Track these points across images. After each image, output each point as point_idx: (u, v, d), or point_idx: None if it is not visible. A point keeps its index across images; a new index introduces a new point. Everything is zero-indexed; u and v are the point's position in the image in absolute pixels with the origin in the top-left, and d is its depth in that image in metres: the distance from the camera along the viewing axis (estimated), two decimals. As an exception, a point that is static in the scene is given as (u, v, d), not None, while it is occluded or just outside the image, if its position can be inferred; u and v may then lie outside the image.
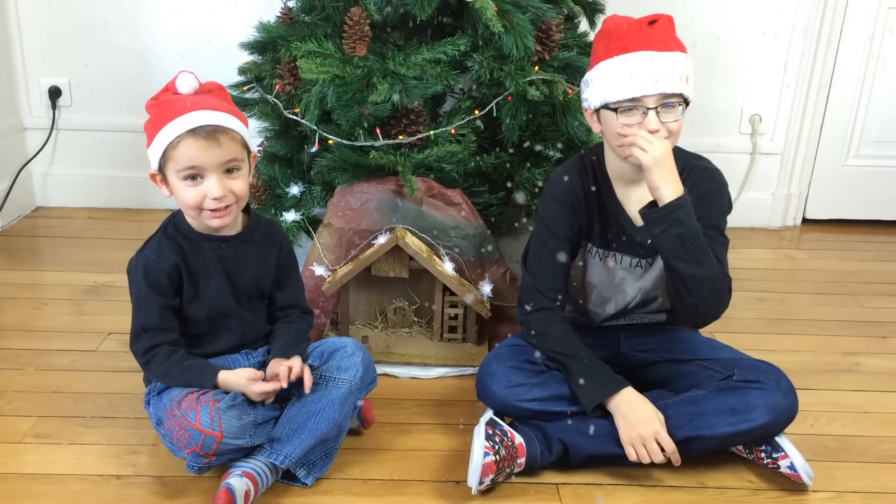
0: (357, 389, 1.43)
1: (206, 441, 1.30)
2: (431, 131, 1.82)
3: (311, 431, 1.37)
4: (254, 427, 1.36)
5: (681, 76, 1.36)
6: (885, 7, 2.54)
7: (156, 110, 1.37)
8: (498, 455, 1.37)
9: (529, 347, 1.53)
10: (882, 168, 2.73)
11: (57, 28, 2.50)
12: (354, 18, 1.76)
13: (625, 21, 1.41)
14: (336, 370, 1.42)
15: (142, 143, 2.55)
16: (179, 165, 1.33)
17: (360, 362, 1.44)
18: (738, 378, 1.43)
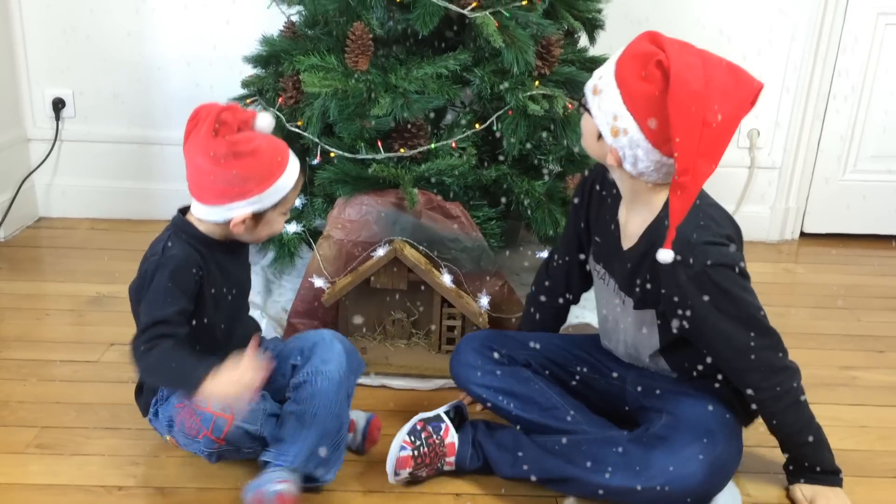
0: (346, 376, 1.45)
1: (218, 423, 1.34)
2: (432, 144, 1.84)
3: (312, 428, 1.38)
4: (264, 415, 1.39)
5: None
6: (882, 23, 2.57)
7: (256, 156, 1.33)
8: (417, 451, 1.43)
9: (502, 337, 1.59)
10: (880, 182, 2.74)
11: (61, 39, 2.52)
12: (357, 33, 1.78)
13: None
14: (321, 363, 1.44)
15: (141, 153, 2.62)
16: (289, 204, 1.42)
17: (342, 350, 1.46)
18: (653, 431, 1.38)
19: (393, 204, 1.80)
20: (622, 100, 1.24)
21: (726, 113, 1.18)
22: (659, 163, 1.26)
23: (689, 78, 1.17)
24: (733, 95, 1.20)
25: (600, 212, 1.48)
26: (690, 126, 1.16)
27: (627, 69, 1.24)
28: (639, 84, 1.22)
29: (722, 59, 1.24)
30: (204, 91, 2.48)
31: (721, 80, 1.20)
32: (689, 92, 1.17)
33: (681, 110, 1.16)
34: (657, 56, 1.20)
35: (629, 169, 1.29)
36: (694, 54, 1.22)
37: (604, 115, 1.27)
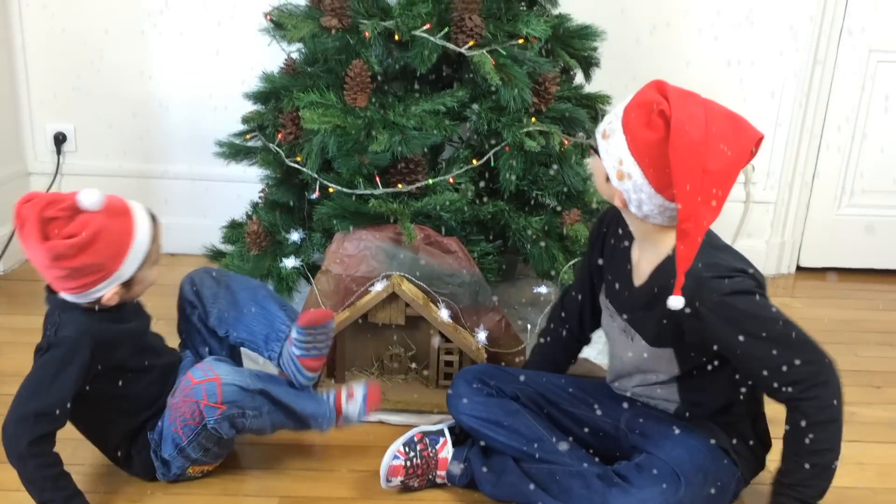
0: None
1: (208, 388, 1.40)
2: (430, 180, 1.85)
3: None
4: (250, 374, 1.47)
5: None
6: (874, 60, 2.60)
7: (99, 239, 1.36)
8: (409, 462, 1.53)
9: (495, 371, 1.62)
10: (875, 217, 2.76)
11: (64, 74, 2.55)
12: (356, 70, 1.81)
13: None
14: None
15: (142, 187, 2.63)
16: (154, 256, 1.46)
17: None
18: (618, 469, 1.42)
19: (391, 239, 1.81)
20: (627, 145, 1.28)
21: (726, 162, 1.22)
22: (662, 206, 1.30)
23: (690, 127, 1.21)
24: (734, 144, 1.23)
25: (615, 250, 1.51)
26: (691, 173, 1.20)
27: (633, 116, 1.28)
28: (642, 131, 1.26)
29: (725, 108, 1.28)
30: (204, 125, 2.51)
31: (722, 129, 1.23)
32: (689, 141, 1.20)
33: (681, 158, 1.20)
34: (660, 105, 1.24)
35: (634, 211, 1.34)
36: (697, 104, 1.25)
37: (611, 158, 1.31)
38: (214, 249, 2.19)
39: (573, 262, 1.90)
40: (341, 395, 1.60)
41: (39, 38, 2.53)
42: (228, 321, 1.61)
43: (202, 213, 2.61)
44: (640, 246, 1.43)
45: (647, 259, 1.41)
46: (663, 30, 2.55)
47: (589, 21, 2.09)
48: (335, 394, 1.60)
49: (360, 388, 1.62)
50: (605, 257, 1.54)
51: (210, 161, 2.21)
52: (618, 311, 1.49)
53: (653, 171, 1.26)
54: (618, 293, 1.49)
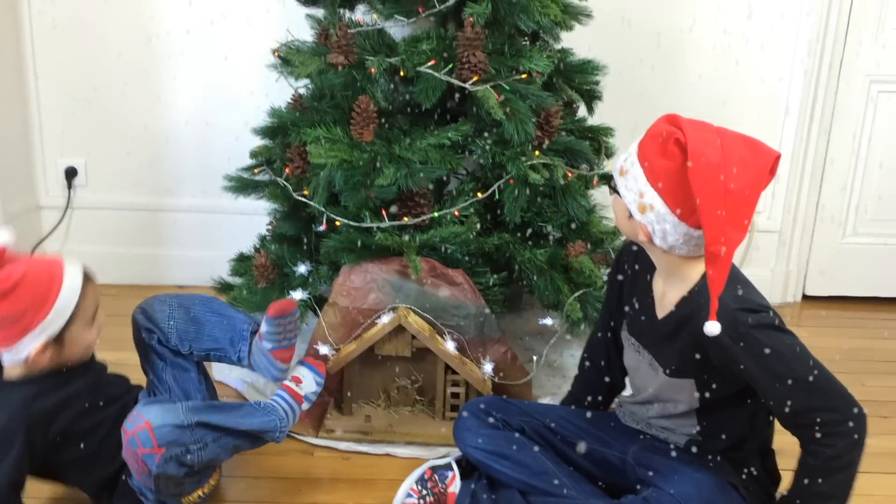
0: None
1: (140, 436, 1.35)
2: (435, 213, 1.88)
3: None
4: (184, 408, 1.43)
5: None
6: (874, 91, 2.63)
7: (21, 288, 1.34)
8: (422, 500, 1.53)
9: (501, 403, 1.63)
10: (880, 245, 2.77)
11: (76, 110, 2.60)
12: (362, 106, 1.84)
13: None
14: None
15: (152, 220, 2.67)
16: (89, 312, 1.43)
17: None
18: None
19: (397, 271, 1.83)
20: (646, 177, 1.30)
21: (747, 181, 1.23)
22: (687, 235, 1.31)
23: (706, 151, 1.23)
24: (752, 164, 1.25)
25: (635, 285, 1.52)
26: (713, 195, 1.22)
27: (648, 148, 1.31)
28: (660, 161, 1.28)
29: (737, 132, 1.30)
30: (214, 158, 2.54)
31: (738, 150, 1.26)
32: (707, 163, 1.22)
33: (702, 181, 1.22)
34: (675, 135, 1.26)
35: (659, 243, 1.34)
36: (710, 131, 1.28)
37: (631, 193, 1.33)
38: (222, 282, 2.21)
39: (578, 293, 1.91)
40: (290, 388, 1.62)
41: (52, 75, 2.57)
42: (189, 336, 1.60)
43: (210, 245, 2.64)
44: (664, 279, 1.44)
45: (672, 292, 1.41)
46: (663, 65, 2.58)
47: (591, 56, 2.14)
48: (286, 392, 1.61)
49: (300, 367, 1.65)
50: (626, 293, 1.54)
51: (219, 194, 2.24)
52: (642, 344, 1.50)
53: (674, 199, 1.28)
54: (640, 326, 1.50)
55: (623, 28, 2.50)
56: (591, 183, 2.07)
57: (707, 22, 2.55)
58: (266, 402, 1.59)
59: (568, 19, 1.99)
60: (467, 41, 1.82)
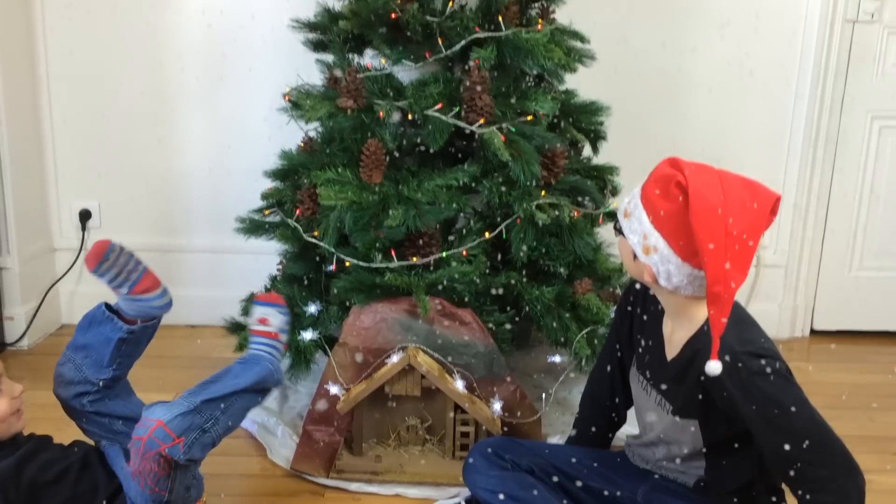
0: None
1: (157, 434, 1.38)
2: (444, 253, 1.90)
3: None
4: (182, 397, 1.46)
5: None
6: (876, 126, 2.66)
7: None
8: None
9: (511, 443, 1.63)
10: (887, 279, 2.78)
11: (90, 154, 2.65)
12: (371, 149, 1.87)
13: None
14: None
15: (163, 260, 2.70)
16: None
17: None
18: None
19: (406, 311, 1.85)
20: (649, 219, 1.33)
21: (747, 223, 1.26)
22: (691, 275, 1.33)
23: (707, 193, 1.26)
24: (751, 207, 1.27)
25: (645, 324, 1.53)
26: (714, 236, 1.24)
27: (651, 191, 1.34)
28: (662, 203, 1.31)
29: (738, 175, 1.33)
30: (225, 199, 2.59)
31: (738, 193, 1.28)
32: (708, 205, 1.25)
33: (703, 223, 1.24)
34: (676, 177, 1.29)
35: (664, 284, 1.36)
36: (711, 173, 1.31)
37: (635, 235, 1.36)
38: (233, 321, 2.23)
39: (586, 331, 1.93)
40: (260, 331, 1.64)
41: (67, 120, 2.63)
42: (96, 358, 1.59)
43: (222, 284, 2.67)
44: (672, 319, 1.45)
45: (679, 332, 1.43)
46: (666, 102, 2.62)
47: (595, 96, 2.18)
48: (259, 336, 1.63)
49: (257, 307, 1.67)
50: (635, 331, 1.56)
51: (229, 234, 2.27)
52: (650, 384, 1.50)
53: (677, 241, 1.31)
54: (650, 366, 1.51)
55: (626, 68, 2.54)
56: (597, 221, 2.09)
57: (709, 59, 2.60)
58: (248, 354, 1.62)
59: (571, 62, 2.03)
60: (473, 84, 1.86)
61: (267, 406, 2.06)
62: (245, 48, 2.57)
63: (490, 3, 1.93)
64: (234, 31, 2.56)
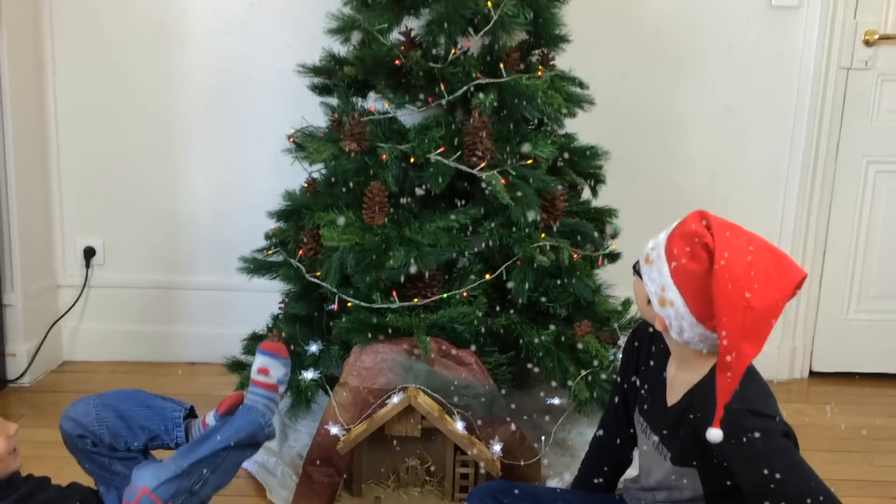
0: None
1: (142, 502, 1.39)
2: (444, 294, 1.92)
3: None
4: (171, 459, 1.46)
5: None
6: (872, 171, 2.70)
7: None
8: None
9: (509, 487, 1.61)
10: (885, 321, 2.79)
11: (96, 193, 2.68)
12: (374, 191, 1.91)
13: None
14: None
15: (167, 298, 2.72)
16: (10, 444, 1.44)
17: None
18: None
19: (407, 351, 1.86)
20: (670, 274, 1.30)
21: (769, 299, 1.22)
22: (703, 336, 1.31)
23: (733, 262, 1.22)
24: (777, 282, 1.24)
25: (649, 368, 1.52)
26: (733, 309, 1.20)
27: (676, 246, 1.30)
28: (685, 262, 1.28)
29: (767, 243, 1.29)
30: (228, 238, 2.62)
31: (765, 266, 1.24)
32: (732, 276, 1.21)
33: (724, 293, 1.21)
34: (704, 238, 1.26)
35: (675, 337, 1.34)
36: (740, 237, 1.27)
37: (653, 284, 1.34)
38: (234, 360, 2.24)
39: (585, 373, 1.94)
40: (260, 381, 1.62)
41: (73, 159, 2.67)
42: (122, 433, 1.59)
43: (223, 322, 2.69)
44: (676, 365, 1.43)
45: (682, 379, 1.41)
46: (664, 146, 2.67)
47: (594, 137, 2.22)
48: (258, 387, 1.62)
49: (261, 357, 1.65)
50: (640, 374, 1.54)
51: (232, 272, 2.29)
52: (651, 429, 1.49)
53: (695, 302, 1.27)
54: (651, 410, 1.50)
55: (625, 111, 2.59)
56: (597, 263, 2.12)
57: (707, 103, 2.65)
58: (244, 403, 1.60)
59: (571, 107, 2.07)
60: (475, 129, 1.90)
61: (267, 445, 2.05)
62: (251, 91, 2.62)
63: (491, 49, 1.98)
64: (241, 74, 2.61)
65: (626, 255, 2.25)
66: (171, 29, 2.59)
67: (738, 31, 2.60)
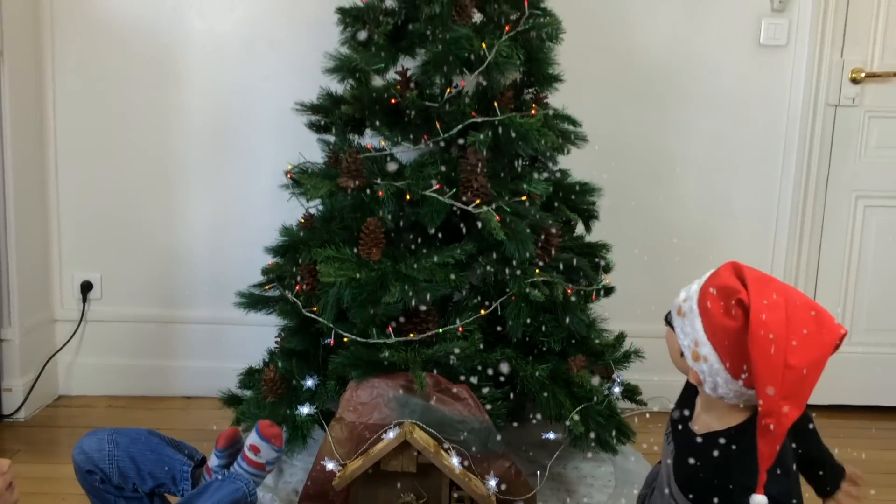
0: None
1: None
2: (440, 329, 1.94)
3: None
4: None
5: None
6: (861, 206, 2.74)
7: None
8: None
9: None
10: (876, 355, 2.81)
11: (94, 227, 2.71)
12: (370, 227, 1.93)
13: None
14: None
15: (164, 332, 2.73)
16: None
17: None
18: None
19: (403, 387, 1.87)
20: (704, 329, 1.25)
21: (808, 358, 1.17)
22: (739, 392, 1.26)
23: (771, 320, 1.17)
24: (816, 340, 1.19)
25: (687, 391, 1.48)
26: (772, 369, 1.16)
27: (710, 300, 1.25)
28: (720, 318, 1.23)
29: (805, 297, 1.24)
30: (225, 271, 2.64)
31: (803, 322, 1.19)
32: (769, 335, 1.16)
33: (762, 352, 1.16)
34: (739, 293, 1.21)
35: (709, 392, 1.31)
36: (777, 292, 1.21)
37: (686, 337, 1.29)
38: (230, 394, 2.25)
39: (580, 408, 1.95)
40: (249, 458, 1.67)
41: (72, 194, 2.70)
42: (131, 474, 1.64)
43: (219, 356, 2.70)
44: (702, 406, 1.39)
45: (704, 420, 1.37)
46: (657, 182, 2.70)
47: (588, 174, 2.26)
48: (245, 462, 1.66)
49: (256, 437, 1.69)
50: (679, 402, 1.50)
51: (229, 306, 2.30)
52: (669, 450, 1.46)
53: (730, 359, 1.23)
54: (675, 433, 1.46)
55: (617, 147, 2.63)
56: (591, 298, 2.14)
57: (698, 139, 2.69)
58: (231, 470, 1.66)
59: (565, 144, 2.11)
60: (470, 166, 1.93)
61: (264, 482, 2.06)
62: (249, 127, 2.66)
63: (486, 88, 2.02)
64: (240, 110, 2.66)
65: (620, 290, 2.28)
66: (170, 66, 2.63)
67: (728, 68, 2.66)
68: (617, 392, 2.09)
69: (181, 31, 2.62)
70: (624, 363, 2.17)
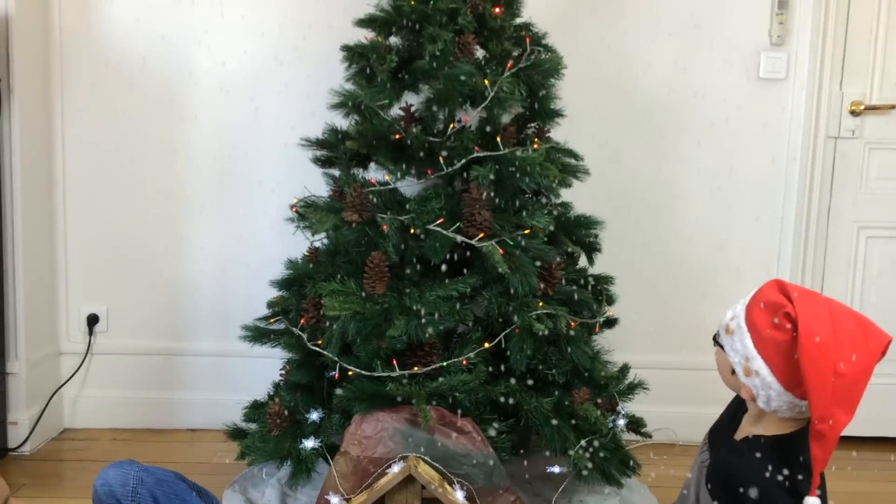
0: None
1: None
2: (444, 362, 1.95)
3: None
4: None
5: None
6: (863, 237, 2.75)
7: None
8: None
9: None
10: (879, 385, 2.78)
11: (101, 260, 2.73)
12: (375, 261, 1.95)
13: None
14: None
15: (169, 365, 2.74)
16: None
17: None
18: None
19: (407, 420, 1.87)
20: (753, 344, 1.32)
21: (858, 364, 1.23)
22: (792, 403, 1.31)
23: (818, 329, 1.23)
24: (863, 347, 1.25)
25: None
26: (822, 376, 1.21)
27: (758, 316, 1.31)
28: (769, 332, 1.29)
29: (849, 308, 1.31)
30: (230, 305, 2.65)
31: (849, 331, 1.25)
32: (818, 343, 1.22)
33: (812, 361, 1.22)
34: (786, 307, 1.27)
35: (763, 406, 1.34)
36: (821, 304, 1.28)
37: (736, 354, 1.35)
38: (235, 427, 2.25)
39: (584, 441, 1.95)
40: None
41: (79, 228, 2.72)
42: None
43: (224, 388, 2.70)
44: (750, 421, 1.42)
45: (745, 430, 1.41)
46: (660, 212, 2.72)
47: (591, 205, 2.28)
48: None
49: None
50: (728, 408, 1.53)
51: (234, 339, 2.32)
52: (708, 454, 1.48)
53: (782, 371, 1.28)
54: (716, 430, 1.50)
55: (619, 178, 2.66)
56: (594, 330, 2.15)
57: (700, 170, 2.71)
58: None
59: (567, 177, 2.13)
60: (473, 201, 1.95)
61: (267, 514, 2.06)
62: (255, 161, 2.69)
63: (489, 124, 2.05)
64: (246, 144, 2.69)
65: (624, 322, 2.28)
66: (178, 102, 2.67)
67: (729, 101, 2.68)
68: (621, 424, 2.09)
69: (188, 69, 2.66)
70: (628, 395, 2.18)
